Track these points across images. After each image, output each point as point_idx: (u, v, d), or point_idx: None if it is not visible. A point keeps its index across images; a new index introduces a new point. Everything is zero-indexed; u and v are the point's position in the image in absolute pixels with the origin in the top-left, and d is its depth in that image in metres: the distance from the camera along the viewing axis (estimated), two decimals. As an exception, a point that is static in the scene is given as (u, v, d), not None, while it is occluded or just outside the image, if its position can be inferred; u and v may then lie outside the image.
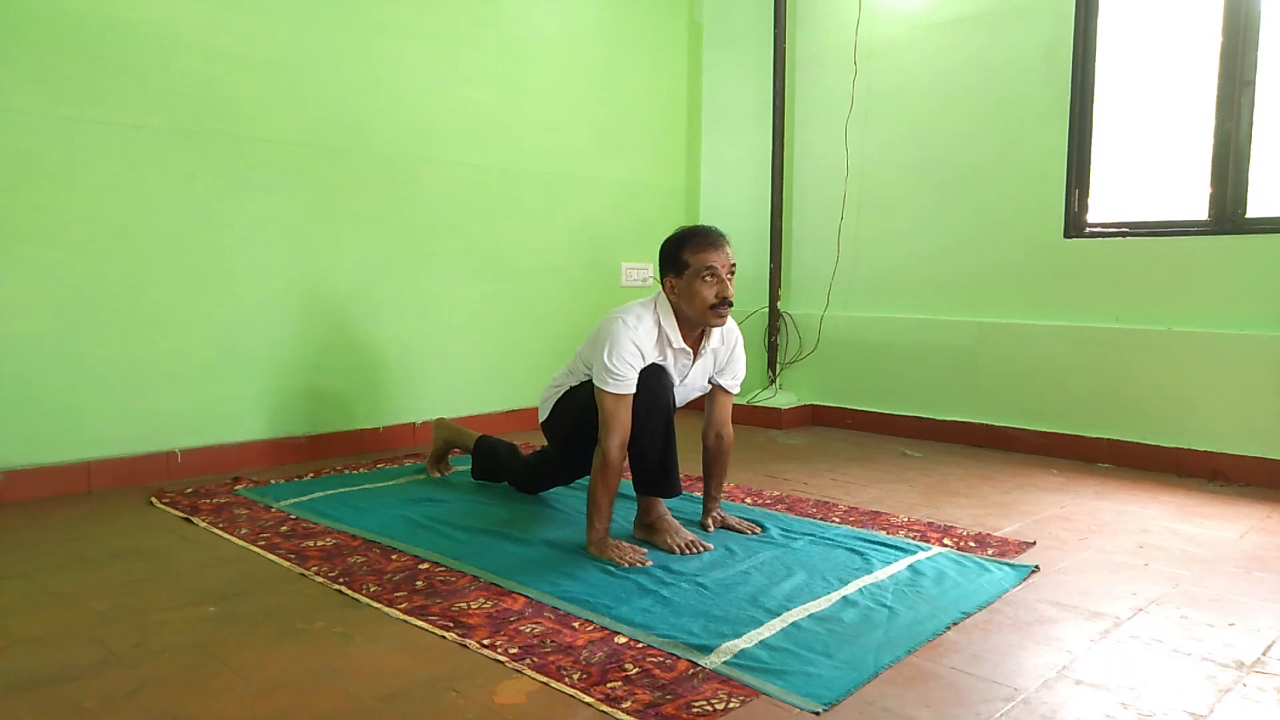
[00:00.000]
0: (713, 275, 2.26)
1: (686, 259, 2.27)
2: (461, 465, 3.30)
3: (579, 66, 4.27)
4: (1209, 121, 3.28)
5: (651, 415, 2.29)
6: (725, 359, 2.49)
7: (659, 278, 2.37)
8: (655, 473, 2.34)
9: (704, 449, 2.54)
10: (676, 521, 2.41)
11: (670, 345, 2.34)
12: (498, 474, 2.99)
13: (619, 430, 2.25)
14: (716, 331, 2.42)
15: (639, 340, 2.27)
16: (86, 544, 2.36)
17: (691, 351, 2.39)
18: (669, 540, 2.33)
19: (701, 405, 2.60)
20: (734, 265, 2.31)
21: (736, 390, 2.55)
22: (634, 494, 2.43)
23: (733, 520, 2.54)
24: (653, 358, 2.31)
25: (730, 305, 2.30)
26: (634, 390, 2.26)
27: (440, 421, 3.20)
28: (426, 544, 2.35)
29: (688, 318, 2.33)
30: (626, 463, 2.30)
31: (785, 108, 4.48)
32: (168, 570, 2.17)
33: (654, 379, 2.29)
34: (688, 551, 2.30)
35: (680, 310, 2.33)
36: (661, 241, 2.38)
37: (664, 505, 2.41)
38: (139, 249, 2.96)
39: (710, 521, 2.52)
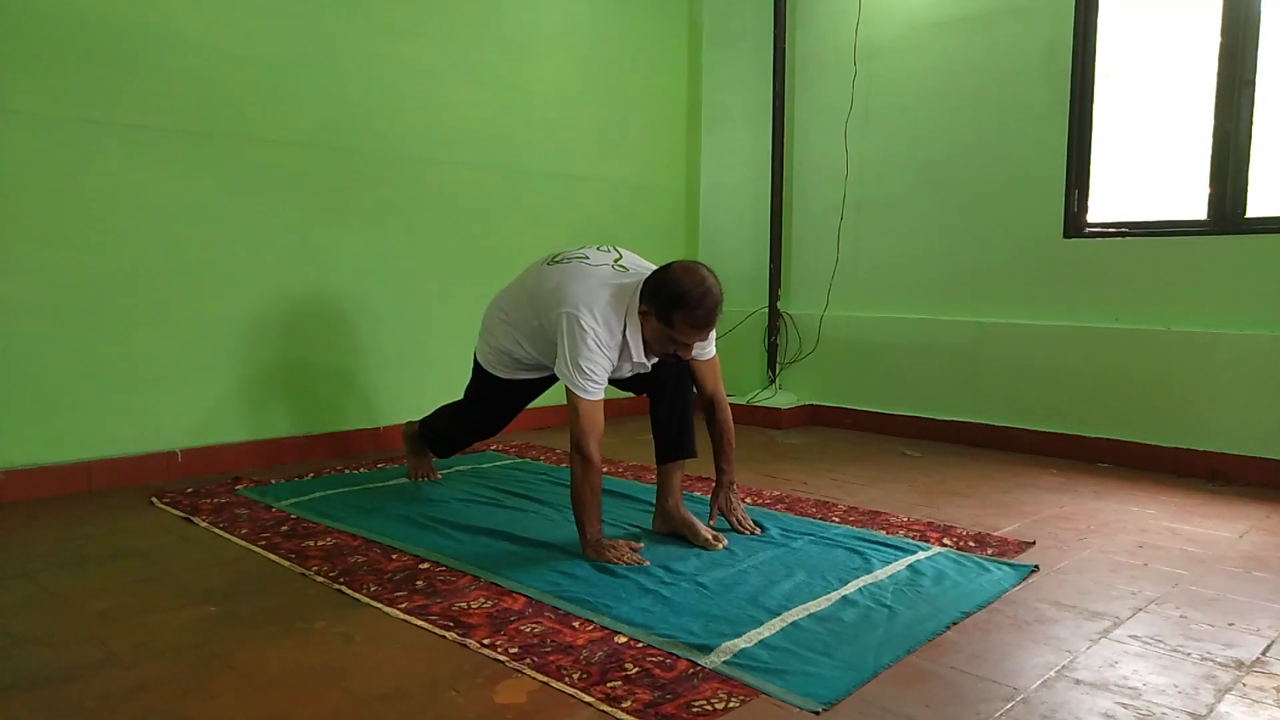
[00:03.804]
0: (684, 346, 2.25)
1: (673, 319, 2.17)
2: (464, 465, 3.30)
3: (579, 66, 4.27)
4: (1209, 121, 3.28)
5: (668, 383, 2.39)
6: None
7: (642, 292, 2.23)
8: (676, 436, 2.42)
9: (705, 422, 2.51)
10: (694, 516, 2.42)
11: (630, 359, 2.30)
12: (447, 436, 2.97)
13: (597, 432, 2.23)
14: None
15: (608, 351, 2.24)
16: (86, 544, 2.36)
17: (648, 364, 2.36)
18: (700, 534, 2.35)
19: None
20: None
21: (708, 356, 2.47)
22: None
23: (738, 513, 2.51)
24: (612, 364, 2.29)
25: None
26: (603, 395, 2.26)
27: (408, 430, 3.10)
28: (426, 544, 2.35)
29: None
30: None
31: (785, 108, 4.48)
32: (168, 570, 2.17)
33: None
34: (717, 547, 2.32)
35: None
36: (668, 269, 2.20)
37: (680, 495, 2.43)
38: (139, 249, 2.96)
39: (716, 509, 2.51)
